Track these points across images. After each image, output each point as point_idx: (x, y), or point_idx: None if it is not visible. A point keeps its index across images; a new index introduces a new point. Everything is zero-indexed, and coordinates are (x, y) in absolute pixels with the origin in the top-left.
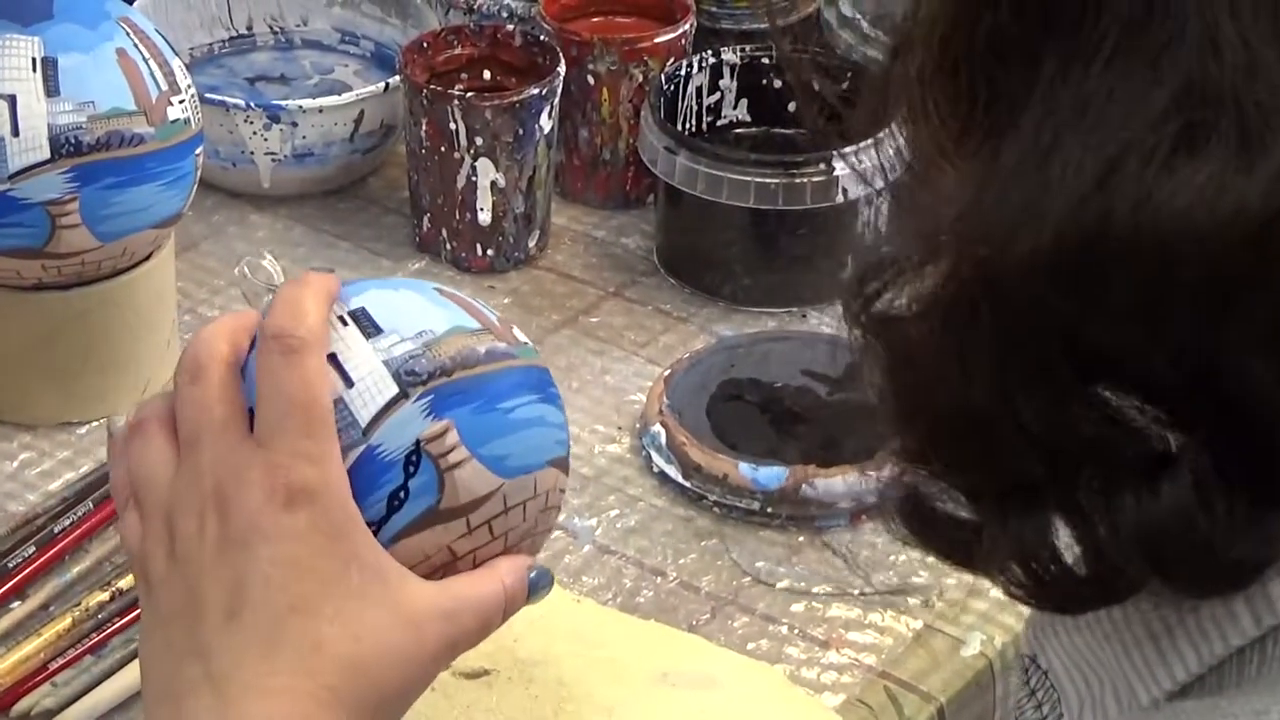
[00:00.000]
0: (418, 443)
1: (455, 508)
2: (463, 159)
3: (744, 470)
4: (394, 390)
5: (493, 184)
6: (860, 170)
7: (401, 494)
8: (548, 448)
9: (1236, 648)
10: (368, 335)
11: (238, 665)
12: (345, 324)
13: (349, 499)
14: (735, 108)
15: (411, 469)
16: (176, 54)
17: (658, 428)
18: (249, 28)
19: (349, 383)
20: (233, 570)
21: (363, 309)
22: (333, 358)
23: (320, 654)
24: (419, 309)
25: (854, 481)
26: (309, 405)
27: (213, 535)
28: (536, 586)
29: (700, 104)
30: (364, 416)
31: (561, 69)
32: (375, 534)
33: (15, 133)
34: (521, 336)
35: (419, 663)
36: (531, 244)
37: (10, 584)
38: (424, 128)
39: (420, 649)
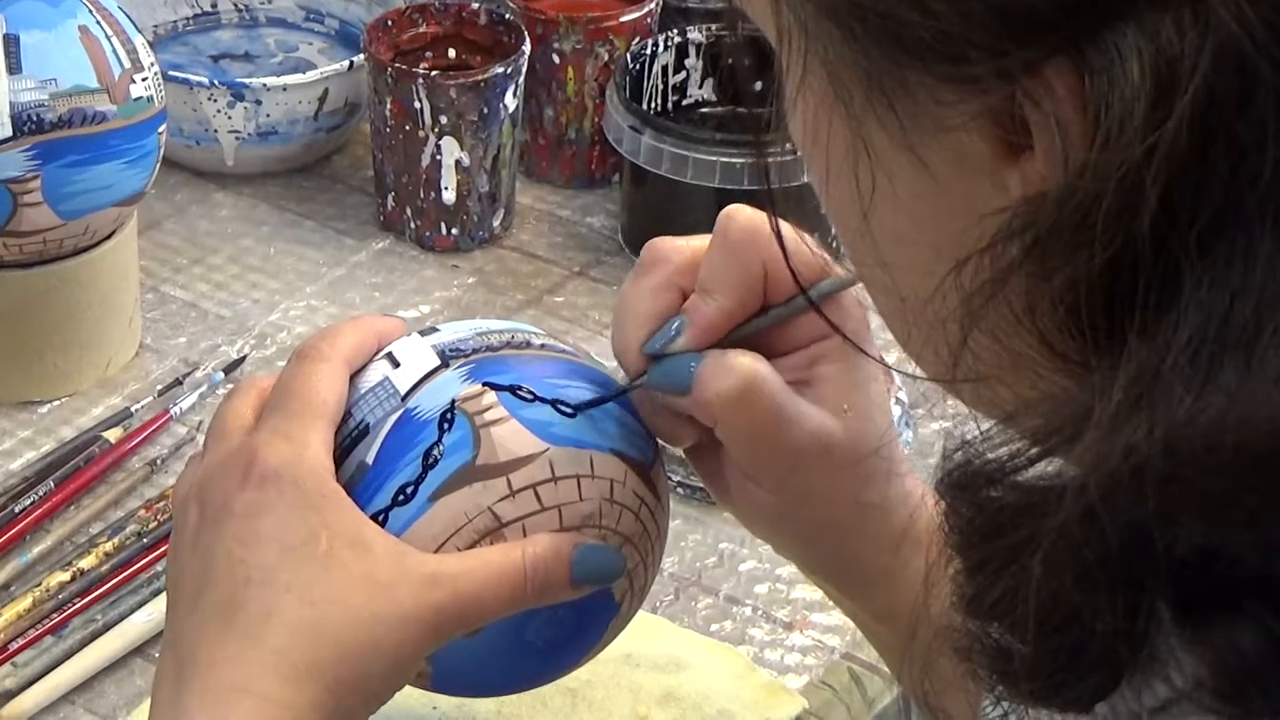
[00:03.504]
0: (453, 402)
1: (493, 465)
2: (427, 138)
3: None
4: (435, 363)
5: (457, 163)
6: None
7: (436, 451)
8: (612, 435)
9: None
10: (424, 335)
11: (197, 645)
12: (409, 335)
13: (326, 473)
14: (701, 87)
15: (446, 426)
16: (140, 31)
17: None
18: (213, 5)
19: (396, 365)
20: (203, 554)
21: (431, 327)
22: (389, 355)
23: (270, 620)
24: (491, 321)
25: None
26: (305, 394)
27: (192, 525)
28: (588, 568)
29: (666, 83)
30: (404, 386)
31: (526, 47)
32: (412, 494)
33: None
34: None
35: (387, 623)
36: (496, 223)
37: None
38: (388, 106)
39: (390, 609)
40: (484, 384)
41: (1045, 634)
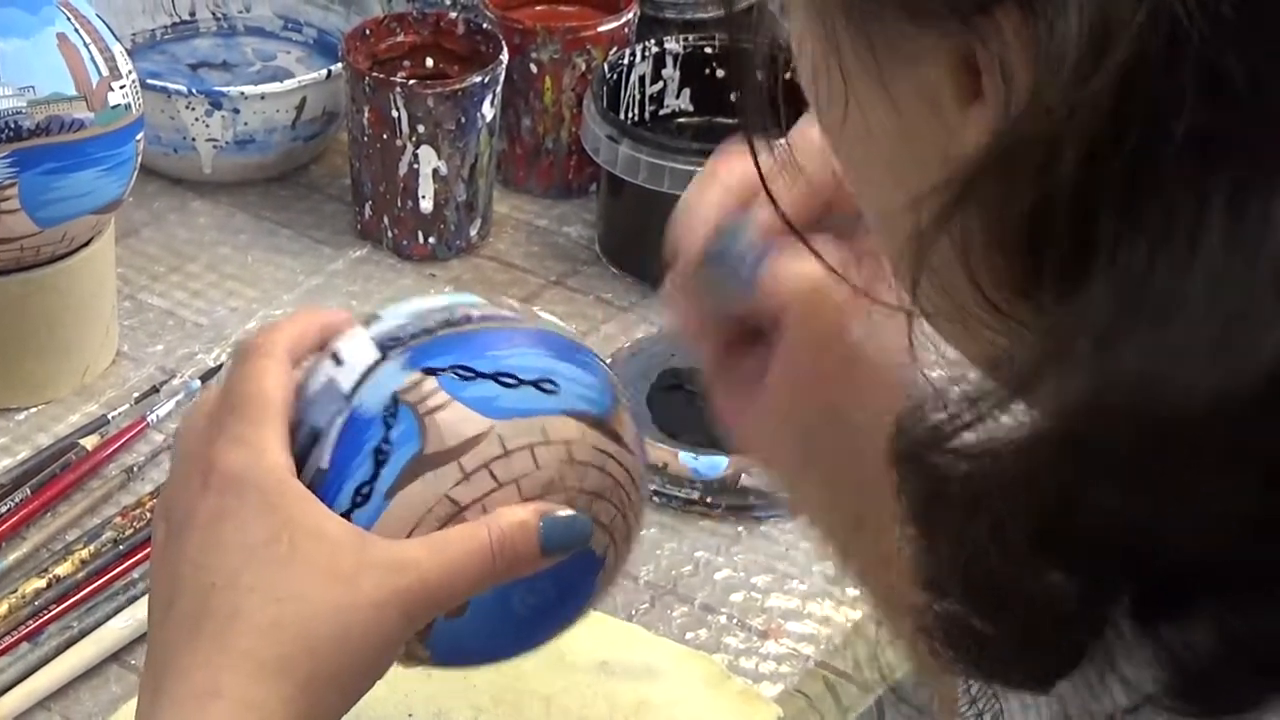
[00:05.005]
0: (394, 395)
1: (442, 452)
2: (405, 146)
3: (684, 459)
4: (376, 356)
5: (435, 172)
6: None
7: (384, 446)
8: (562, 396)
9: None
10: (367, 324)
11: (169, 655)
12: (354, 328)
13: (285, 471)
14: (678, 97)
15: (390, 420)
16: (118, 39)
17: None
18: (191, 13)
19: (339, 363)
20: (171, 566)
21: (374, 314)
22: (334, 354)
23: (236, 622)
24: (430, 299)
25: None
26: (254, 394)
27: (161, 540)
28: (557, 537)
29: (643, 93)
30: (348, 385)
31: (504, 57)
32: (369, 494)
33: None
34: (558, 322)
35: (355, 612)
36: (473, 232)
37: None
38: (366, 115)
39: (357, 599)
40: (423, 370)
41: (989, 610)
